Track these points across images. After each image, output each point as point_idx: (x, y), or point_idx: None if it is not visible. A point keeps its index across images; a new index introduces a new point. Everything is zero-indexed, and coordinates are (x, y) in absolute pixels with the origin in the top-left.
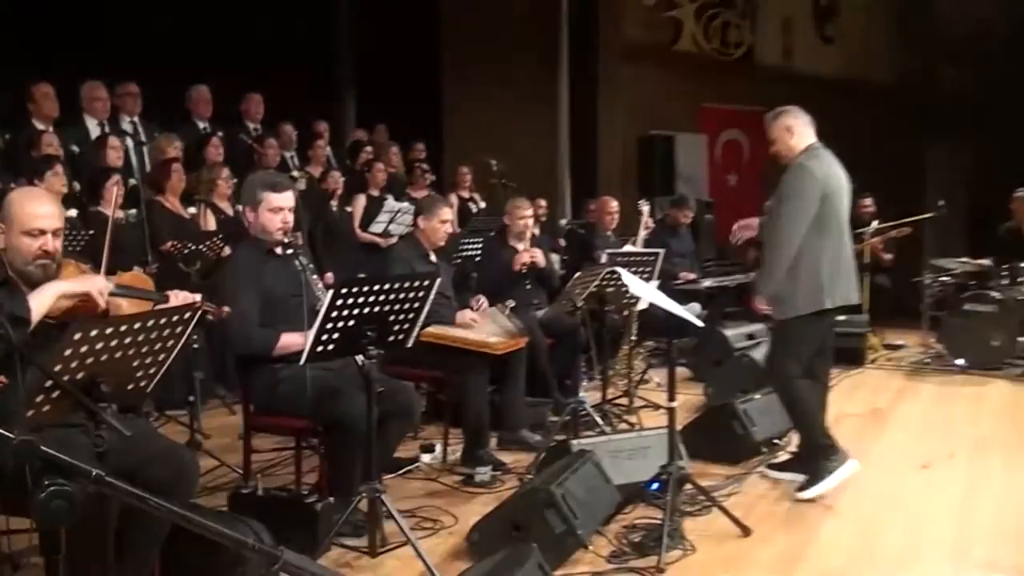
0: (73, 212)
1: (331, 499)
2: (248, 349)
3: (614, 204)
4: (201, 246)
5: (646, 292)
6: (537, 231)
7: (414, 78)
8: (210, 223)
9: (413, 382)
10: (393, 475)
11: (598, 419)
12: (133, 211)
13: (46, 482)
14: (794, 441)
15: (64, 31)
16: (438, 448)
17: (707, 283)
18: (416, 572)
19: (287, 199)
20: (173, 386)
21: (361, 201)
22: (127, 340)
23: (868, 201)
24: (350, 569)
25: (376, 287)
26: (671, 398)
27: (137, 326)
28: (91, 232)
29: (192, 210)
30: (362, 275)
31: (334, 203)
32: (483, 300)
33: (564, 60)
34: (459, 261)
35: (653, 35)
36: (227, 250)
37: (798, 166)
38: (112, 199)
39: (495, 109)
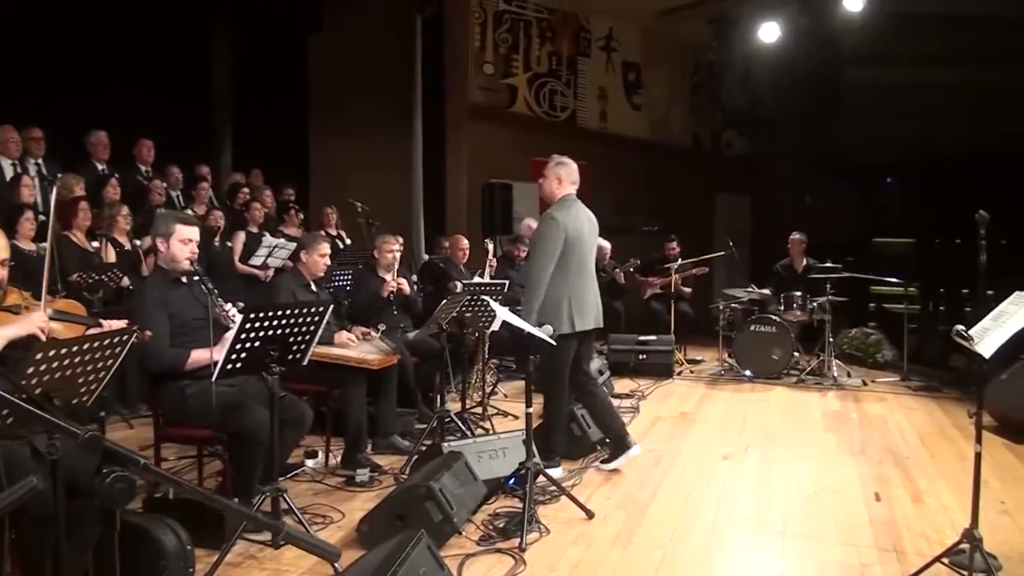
0: None
1: (235, 499)
2: (162, 366)
3: (465, 242)
4: (103, 276)
5: (509, 316)
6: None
7: (285, 127)
8: (111, 256)
9: (299, 395)
10: (283, 478)
11: (461, 425)
12: (44, 244)
13: (105, 470)
14: None
15: None
16: (320, 454)
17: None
18: (312, 561)
19: (194, 232)
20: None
21: (241, 237)
22: (76, 359)
23: (673, 243)
24: (255, 560)
25: (280, 312)
26: (528, 404)
27: (86, 346)
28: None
29: (95, 244)
30: (241, 304)
31: (216, 239)
32: (360, 331)
33: (418, 116)
34: (331, 290)
35: (493, 98)
36: (125, 280)
37: (546, 216)
38: (25, 233)
39: (357, 157)
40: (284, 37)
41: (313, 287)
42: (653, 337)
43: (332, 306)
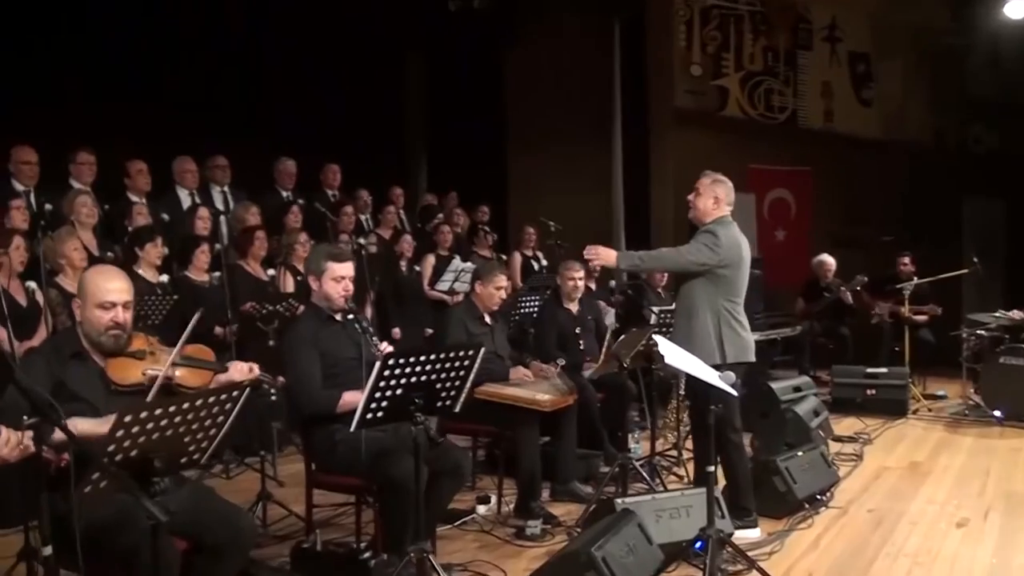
0: (164, 278)
1: (384, 556)
2: (313, 409)
3: None
4: (278, 306)
5: (681, 360)
6: (593, 286)
7: (481, 146)
8: (288, 285)
9: (470, 436)
10: (449, 526)
11: (645, 475)
12: (217, 274)
13: None
14: (838, 497)
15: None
16: (493, 500)
17: (755, 336)
18: None
19: (348, 268)
20: (252, 435)
21: (430, 261)
22: (176, 419)
23: (907, 259)
24: None
25: (422, 358)
26: (709, 462)
27: (186, 406)
28: (176, 297)
29: (272, 272)
30: (428, 332)
31: (403, 263)
32: (546, 368)
33: (617, 127)
34: (517, 318)
35: (701, 102)
36: (303, 309)
37: (702, 230)
38: (201, 265)
39: (554, 173)
40: (478, 55)
41: (488, 319)
42: (884, 369)
43: (483, 349)
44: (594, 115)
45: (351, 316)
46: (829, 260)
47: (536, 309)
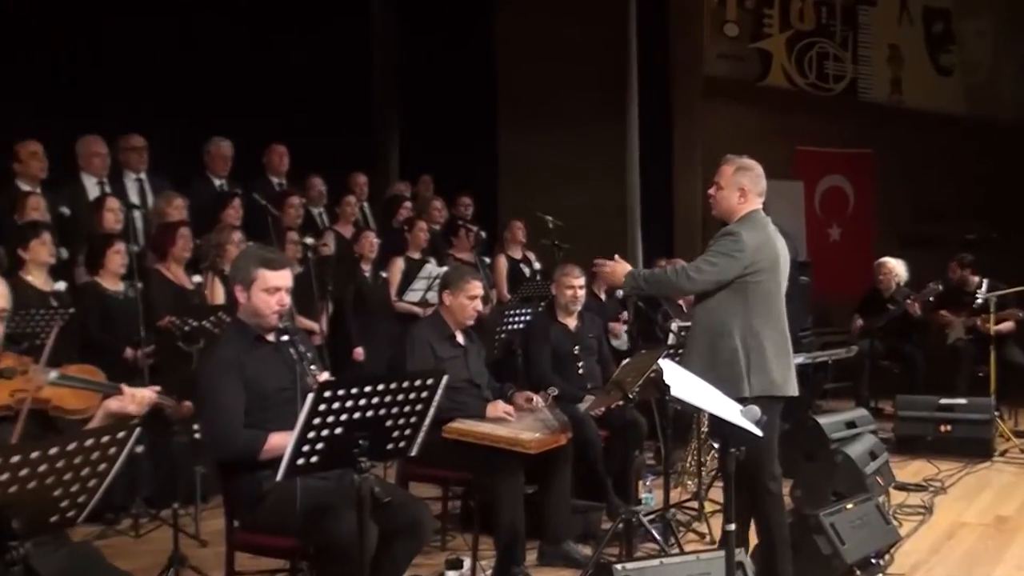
0: (61, 285)
1: None
2: (231, 453)
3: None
4: (205, 322)
5: (691, 392)
6: (602, 296)
7: (465, 124)
8: (218, 295)
9: (439, 484)
10: None
11: (656, 533)
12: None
13: None
14: (899, 562)
15: (60, 83)
16: (466, 563)
17: (800, 359)
18: None
19: (284, 278)
20: (174, 481)
21: (399, 265)
22: (42, 468)
23: (965, 261)
24: None
25: (367, 389)
26: (728, 519)
27: (54, 451)
28: (71, 310)
29: (198, 279)
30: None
31: (367, 267)
32: (536, 398)
33: (634, 100)
34: (503, 336)
35: (738, 69)
36: (227, 328)
37: (724, 231)
38: (115, 269)
39: (556, 157)
40: (461, 12)
41: (460, 338)
42: (963, 400)
43: (445, 378)
44: (604, 86)
45: (286, 337)
46: (896, 265)
47: (526, 324)
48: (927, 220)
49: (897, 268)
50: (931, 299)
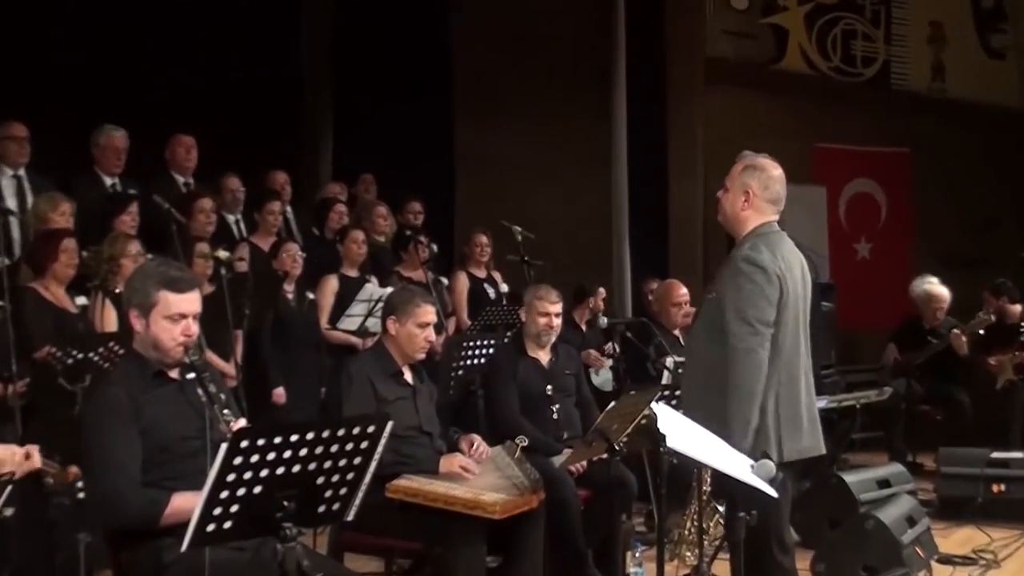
0: None
1: None
2: (124, 518)
3: (682, 292)
4: (92, 354)
5: (691, 444)
6: (585, 326)
7: (415, 114)
8: (109, 321)
9: (381, 556)
10: None
11: None
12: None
13: None
14: None
15: None
16: None
17: (822, 403)
18: None
19: (191, 302)
20: (51, 553)
21: (331, 285)
22: None
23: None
24: None
25: (293, 438)
26: None
27: None
28: None
29: (83, 301)
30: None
31: (291, 288)
32: (479, 444)
33: (621, 87)
34: (460, 373)
35: (747, 50)
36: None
37: (741, 259)
38: None
39: (525, 155)
40: None
41: (408, 376)
42: (1018, 454)
43: (390, 425)
44: (585, 70)
45: (192, 374)
46: (939, 289)
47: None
48: (975, 234)
49: (940, 293)
50: (980, 332)
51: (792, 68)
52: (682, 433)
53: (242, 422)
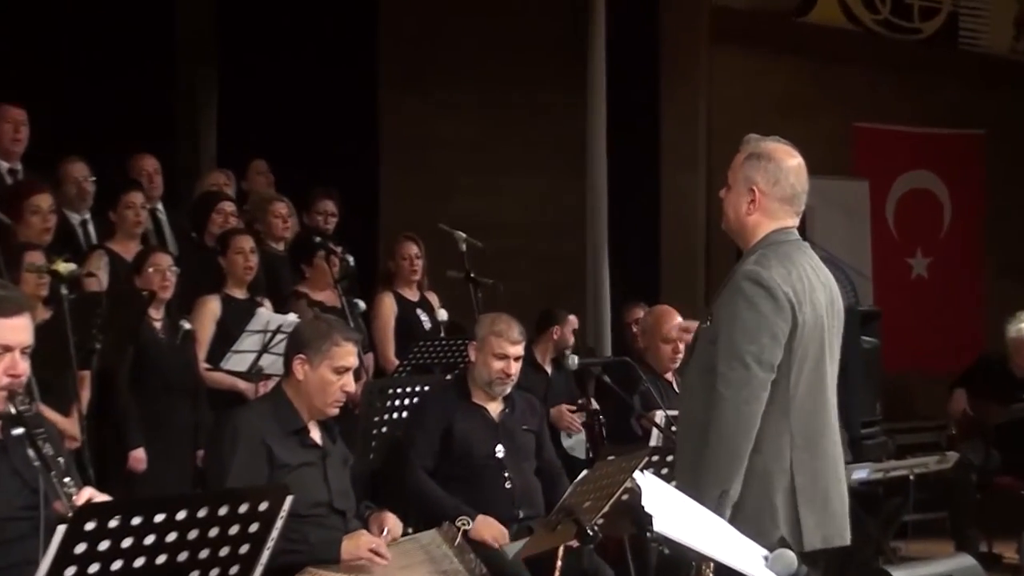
0: None
1: None
2: None
3: (677, 322)
4: None
5: (688, 529)
6: (550, 368)
7: (326, 84)
8: None
9: None
10: None
11: None
12: None
13: None
14: None
15: None
16: None
17: (862, 473)
18: None
19: (19, 330)
20: None
21: (211, 309)
22: None
23: None
24: None
25: (159, 518)
26: None
27: None
28: None
29: None
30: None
31: (158, 313)
32: (390, 523)
33: (601, 50)
34: (383, 431)
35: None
36: None
37: (743, 276)
38: None
39: (475, 139)
40: None
41: (316, 435)
42: None
43: (289, 499)
44: (553, 29)
45: (20, 430)
46: None
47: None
48: None
49: None
50: None
51: (825, 22)
52: (675, 513)
53: (87, 494)
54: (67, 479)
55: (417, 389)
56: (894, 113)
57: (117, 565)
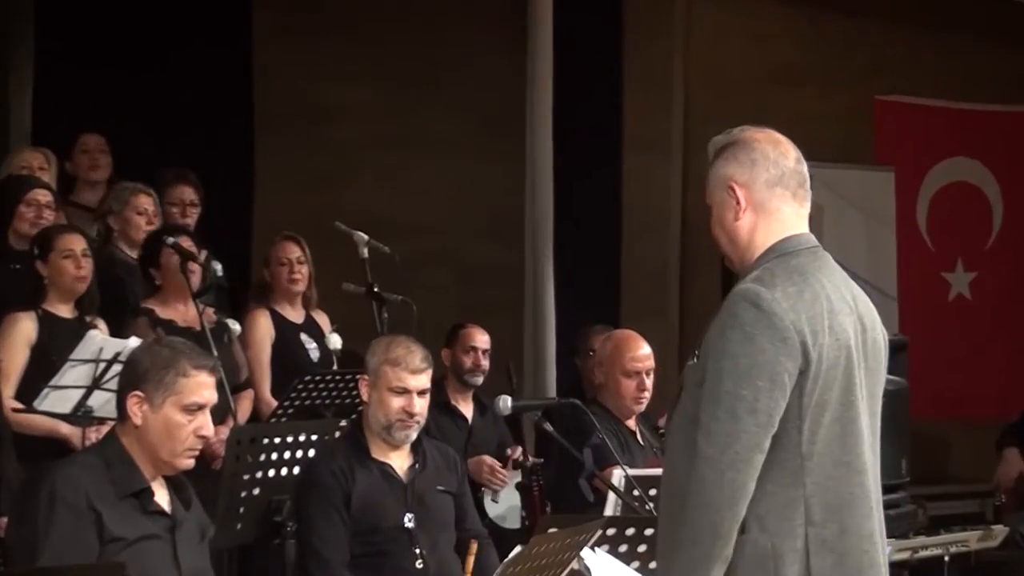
0: None
1: None
2: None
3: (642, 351)
4: None
5: None
6: (472, 411)
7: (178, 37)
8: None
9: None
10: None
11: None
12: None
13: None
14: None
15: None
16: None
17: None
18: None
19: None
20: None
21: (24, 333)
22: None
23: None
24: None
25: None
26: None
27: None
28: None
29: None
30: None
31: None
32: None
33: (546, 5)
34: (254, 494)
35: None
36: None
37: (739, 298)
38: None
39: (380, 114)
40: None
41: (163, 501)
42: None
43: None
44: None
45: None
46: None
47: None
48: None
49: None
50: None
51: None
52: None
53: None
54: None
55: (301, 439)
56: (929, 84)
57: None
